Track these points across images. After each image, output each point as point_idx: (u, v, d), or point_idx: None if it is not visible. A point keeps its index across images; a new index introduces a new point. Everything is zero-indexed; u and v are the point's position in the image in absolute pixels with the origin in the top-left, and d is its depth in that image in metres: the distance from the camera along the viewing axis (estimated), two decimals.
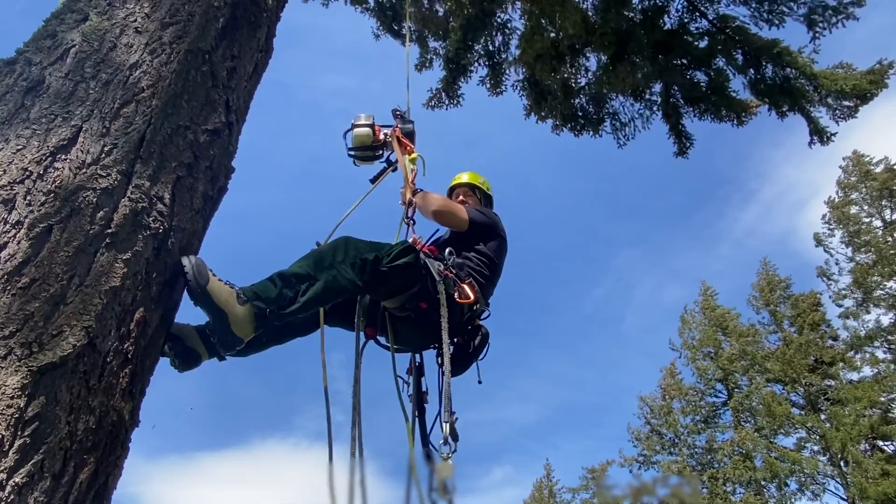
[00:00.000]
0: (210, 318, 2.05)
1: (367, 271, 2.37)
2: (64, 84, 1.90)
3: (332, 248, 2.39)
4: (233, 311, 2.04)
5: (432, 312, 2.48)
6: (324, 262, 2.32)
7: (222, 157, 2.30)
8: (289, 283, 2.22)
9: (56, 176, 1.70)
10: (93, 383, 1.55)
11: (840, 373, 21.22)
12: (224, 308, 2.02)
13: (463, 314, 2.70)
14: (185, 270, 1.95)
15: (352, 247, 2.41)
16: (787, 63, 5.90)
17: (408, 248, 2.52)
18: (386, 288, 2.54)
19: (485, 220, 3.14)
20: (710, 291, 26.51)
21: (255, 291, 2.13)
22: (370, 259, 2.38)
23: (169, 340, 2.26)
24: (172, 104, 2.04)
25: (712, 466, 23.02)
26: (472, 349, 2.75)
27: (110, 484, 1.65)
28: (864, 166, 23.01)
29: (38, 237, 1.58)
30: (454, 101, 7.64)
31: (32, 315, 1.47)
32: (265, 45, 2.79)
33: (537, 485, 33.06)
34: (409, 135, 3.46)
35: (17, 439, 1.34)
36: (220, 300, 2.01)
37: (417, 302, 2.58)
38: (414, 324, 2.65)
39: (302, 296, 2.21)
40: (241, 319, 2.06)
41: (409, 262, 2.47)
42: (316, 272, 2.28)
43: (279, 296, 2.17)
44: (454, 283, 2.63)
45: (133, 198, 1.80)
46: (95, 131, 1.83)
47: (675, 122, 6.69)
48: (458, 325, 2.69)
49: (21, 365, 1.40)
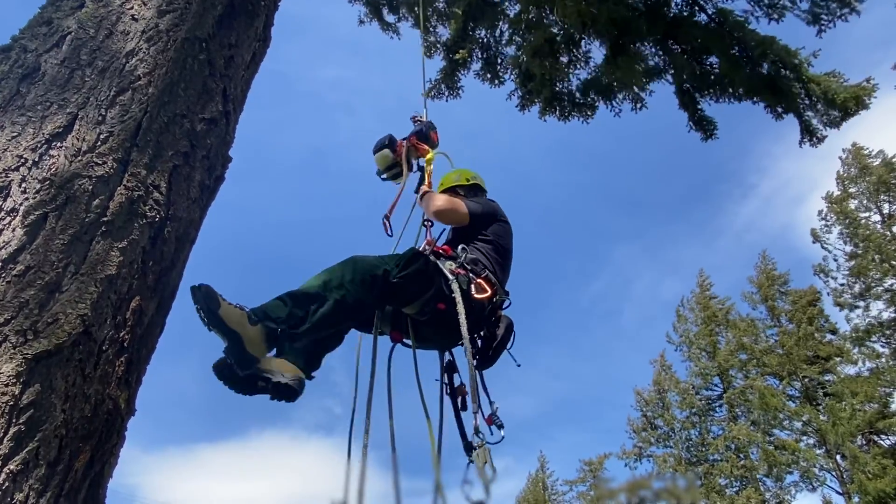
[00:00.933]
0: (225, 341, 2.09)
1: (378, 286, 2.42)
2: (60, 71, 1.88)
3: (342, 268, 2.42)
4: (245, 332, 2.09)
5: (450, 312, 2.51)
6: (332, 281, 2.36)
7: (219, 146, 2.29)
8: (299, 303, 2.27)
9: (51, 163, 1.69)
10: (88, 371, 1.54)
11: (838, 367, 21.27)
12: (237, 329, 2.07)
13: (484, 308, 2.71)
14: (196, 298, 2.01)
15: (359, 265, 2.43)
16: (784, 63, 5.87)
17: (415, 256, 2.57)
18: (401, 297, 2.58)
19: (484, 209, 3.14)
20: (707, 283, 26.56)
21: (266, 311, 2.19)
22: (379, 274, 2.42)
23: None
24: (169, 92, 2.03)
25: (707, 460, 23.13)
26: (499, 340, 2.77)
27: (106, 472, 1.65)
28: (864, 159, 22.98)
29: (34, 225, 1.57)
30: (454, 92, 7.60)
31: (27, 303, 1.47)
32: (263, 34, 2.77)
33: (532, 477, 33.20)
34: (425, 137, 3.47)
35: (11, 426, 1.34)
36: (233, 322, 2.07)
37: (435, 304, 2.60)
38: (436, 325, 2.67)
39: (313, 315, 2.26)
40: (254, 339, 2.12)
41: (419, 268, 2.52)
42: (326, 292, 2.32)
43: (289, 315, 2.23)
44: (469, 280, 2.66)
45: (129, 186, 1.79)
46: (91, 119, 1.82)
47: (692, 110, 6.59)
48: (480, 319, 2.71)
49: (16, 352, 1.40)
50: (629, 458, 25.47)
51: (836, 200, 22.90)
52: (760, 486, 21.39)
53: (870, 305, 21.15)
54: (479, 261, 2.84)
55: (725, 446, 22.45)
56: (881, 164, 22.20)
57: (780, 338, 22.90)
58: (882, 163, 22.19)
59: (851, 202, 22.60)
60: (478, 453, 2.13)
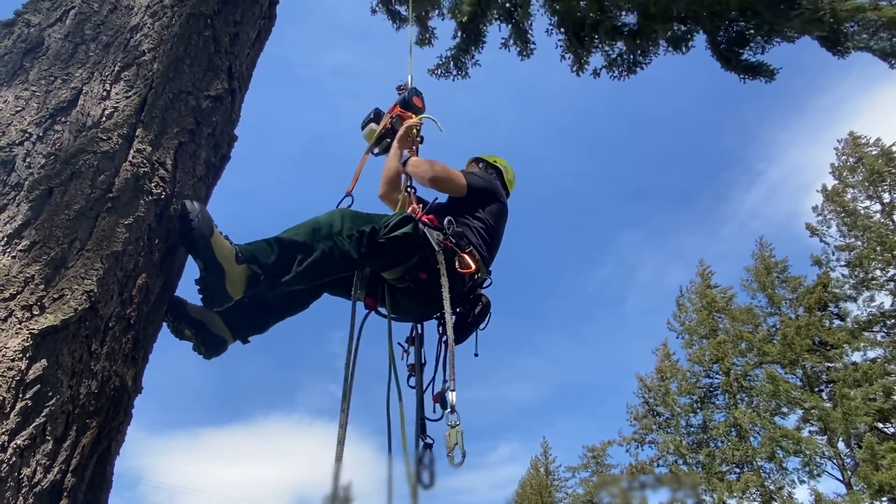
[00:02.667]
0: (205, 272, 1.97)
1: (365, 243, 2.32)
2: (63, 46, 1.86)
3: (330, 219, 2.33)
4: (231, 269, 1.99)
5: (432, 283, 2.44)
6: (321, 231, 2.26)
7: (225, 124, 2.26)
8: (285, 251, 2.16)
9: (56, 138, 1.67)
10: (95, 348, 1.53)
11: (841, 355, 21.23)
12: (223, 264, 1.97)
13: (464, 283, 2.66)
14: (190, 217, 1.87)
15: (349, 218, 2.35)
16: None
17: (406, 219, 2.46)
18: (384, 259, 2.49)
19: (483, 184, 3.08)
20: (708, 272, 26.49)
21: (253, 254, 2.08)
22: (367, 231, 2.33)
23: (192, 326, 2.24)
24: (174, 69, 2.00)
25: (708, 446, 23.21)
26: (473, 318, 2.72)
27: (113, 449, 1.64)
28: (861, 148, 22.80)
29: (38, 200, 1.55)
30: (462, 71, 7.40)
31: (33, 278, 1.45)
32: (268, 12, 2.74)
33: (534, 463, 33.39)
34: (408, 104, 3.41)
35: (18, 402, 1.33)
36: (221, 255, 1.96)
37: (417, 273, 2.54)
38: (414, 294, 2.61)
39: (298, 266, 2.16)
40: (236, 279, 2.01)
41: (407, 232, 2.42)
42: (313, 241, 2.22)
43: (275, 263, 2.12)
44: (454, 253, 2.59)
45: (135, 162, 1.77)
46: (96, 94, 1.79)
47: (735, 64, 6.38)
48: (460, 294, 2.65)
49: (22, 327, 1.39)
50: (628, 443, 25.60)
51: (834, 191, 22.76)
52: (762, 473, 21.46)
53: (874, 296, 21.13)
54: (465, 235, 2.77)
55: (726, 432, 22.49)
56: (879, 153, 22.05)
57: (782, 326, 22.83)
58: (879, 152, 22.04)
59: (849, 192, 22.47)
60: (449, 433, 2.01)
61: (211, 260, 1.94)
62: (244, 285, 2.05)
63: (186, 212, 1.88)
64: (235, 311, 2.28)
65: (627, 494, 2.38)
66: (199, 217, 1.89)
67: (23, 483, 1.30)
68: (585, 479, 29.48)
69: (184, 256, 2.01)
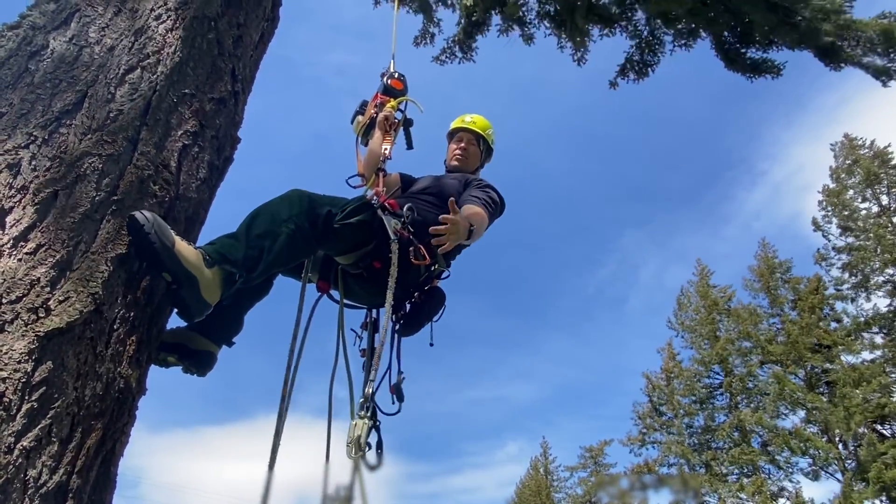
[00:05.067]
0: (176, 285, 1.80)
1: (320, 226, 2.23)
2: (68, 49, 1.86)
3: (287, 201, 2.21)
4: (202, 274, 1.83)
5: (385, 272, 2.32)
6: (281, 214, 2.13)
7: (228, 126, 2.27)
8: (251, 242, 2.03)
9: (61, 141, 1.68)
10: (100, 350, 1.54)
11: (841, 356, 21.22)
12: (193, 272, 1.80)
13: (419, 274, 2.60)
14: (145, 230, 1.67)
15: (306, 199, 2.24)
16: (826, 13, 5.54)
17: (363, 206, 2.38)
18: (338, 244, 2.41)
19: (496, 212, 2.95)
20: (707, 272, 26.49)
21: (221, 253, 1.93)
22: (323, 213, 2.24)
23: (172, 352, 2.15)
24: (178, 71, 2.02)
25: (710, 447, 23.20)
26: (427, 310, 2.66)
27: (118, 450, 1.65)
28: (856, 150, 22.79)
29: (44, 202, 1.56)
30: (467, 55, 7.38)
31: (39, 280, 1.46)
32: (271, 14, 2.75)
33: (533, 463, 33.41)
34: (388, 91, 3.39)
35: (24, 403, 1.34)
36: (189, 263, 1.79)
37: (371, 260, 2.46)
38: (366, 282, 2.53)
39: (268, 254, 2.04)
40: (210, 283, 1.86)
41: (363, 220, 2.34)
42: (276, 226, 2.10)
43: (246, 256, 1.99)
44: (410, 243, 2.43)
45: (139, 165, 1.78)
46: (101, 97, 1.80)
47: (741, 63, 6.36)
48: (414, 285, 2.61)
49: (28, 330, 1.40)
50: (633, 444, 25.57)
51: (833, 193, 22.76)
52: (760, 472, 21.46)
53: (870, 296, 21.11)
54: (427, 223, 2.51)
55: (729, 433, 22.48)
56: (873, 154, 22.05)
57: (785, 326, 22.82)
58: (874, 154, 22.04)
59: (848, 193, 22.47)
60: (356, 423, 1.86)
61: (180, 271, 1.77)
62: (220, 288, 1.91)
63: (139, 224, 1.68)
64: (209, 321, 2.10)
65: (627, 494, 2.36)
66: (155, 227, 1.69)
67: (29, 484, 1.31)
68: (584, 478, 29.54)
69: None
